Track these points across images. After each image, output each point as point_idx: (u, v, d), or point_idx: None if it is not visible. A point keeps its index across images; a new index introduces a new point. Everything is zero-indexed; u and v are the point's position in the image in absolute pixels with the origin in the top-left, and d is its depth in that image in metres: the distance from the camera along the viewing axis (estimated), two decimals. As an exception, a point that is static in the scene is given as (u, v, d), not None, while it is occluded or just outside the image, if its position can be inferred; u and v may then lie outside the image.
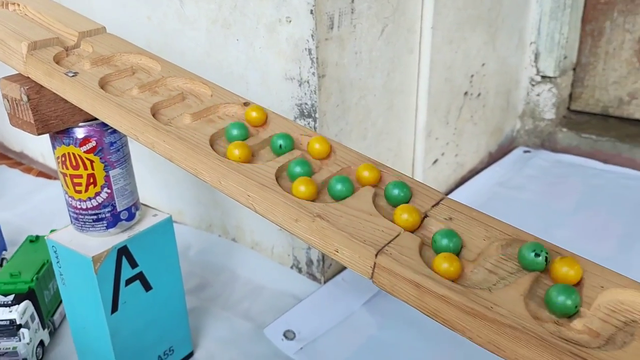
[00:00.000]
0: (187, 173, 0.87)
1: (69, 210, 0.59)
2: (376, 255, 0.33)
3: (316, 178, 0.39)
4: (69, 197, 0.58)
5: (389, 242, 0.34)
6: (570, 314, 0.30)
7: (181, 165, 0.41)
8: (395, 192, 0.37)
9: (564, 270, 0.32)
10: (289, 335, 0.71)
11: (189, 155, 0.40)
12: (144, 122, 0.43)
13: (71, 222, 0.60)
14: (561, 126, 1.18)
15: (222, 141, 0.43)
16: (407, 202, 0.37)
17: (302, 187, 0.37)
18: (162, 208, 0.96)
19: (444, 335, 0.70)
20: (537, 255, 0.32)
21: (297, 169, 0.39)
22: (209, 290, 0.81)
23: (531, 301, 0.31)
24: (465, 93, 0.99)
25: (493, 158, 1.16)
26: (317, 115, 0.69)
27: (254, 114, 0.44)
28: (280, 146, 0.41)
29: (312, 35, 0.65)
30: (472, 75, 0.99)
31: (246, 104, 0.46)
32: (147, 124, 0.42)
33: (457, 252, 0.34)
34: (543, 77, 1.15)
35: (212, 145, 0.41)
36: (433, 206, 0.37)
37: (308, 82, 0.68)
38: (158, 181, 0.95)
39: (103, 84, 0.48)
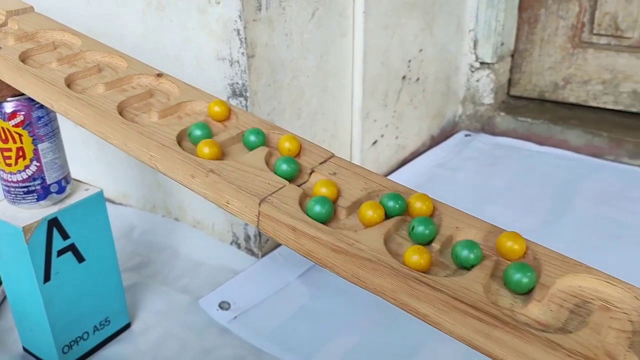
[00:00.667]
0: (132, 157, 0.90)
1: (1, 184, 0.61)
2: (260, 204, 0.36)
3: (216, 140, 0.42)
4: (0, 170, 0.60)
5: (273, 193, 0.37)
6: (426, 243, 0.34)
7: (91, 130, 0.44)
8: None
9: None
10: (224, 306, 0.74)
11: (98, 120, 0.43)
12: (57, 90, 0.45)
13: (4, 195, 0.62)
14: (499, 110, 1.23)
15: (133, 108, 0.46)
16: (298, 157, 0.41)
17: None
18: (109, 191, 0.98)
19: (371, 304, 0.74)
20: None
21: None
22: (150, 267, 0.84)
23: (393, 241, 0.35)
24: (404, 77, 1.03)
25: (435, 141, 1.21)
26: (248, 95, 0.72)
27: (216, 109, 0.45)
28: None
29: (239, 16, 0.68)
30: (409, 60, 1.03)
31: (159, 75, 0.49)
32: (60, 92, 0.45)
33: (335, 200, 0.37)
34: (482, 63, 1.20)
35: (121, 112, 0.44)
36: (320, 163, 0.41)
37: (238, 62, 0.71)
38: (104, 165, 0.97)
39: (24, 58, 0.51)
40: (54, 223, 0.61)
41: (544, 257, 0.34)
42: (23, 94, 0.55)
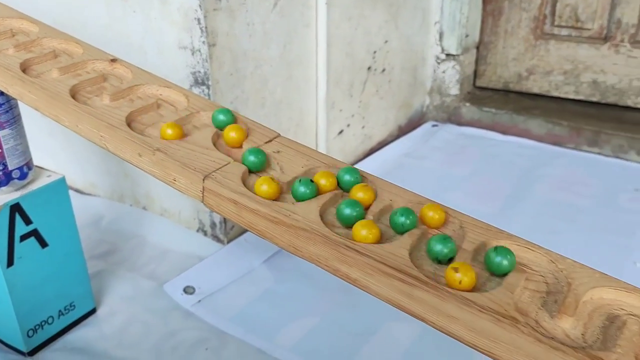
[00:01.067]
0: (99, 147, 0.90)
1: (-37, 170, 0.62)
2: (204, 180, 0.38)
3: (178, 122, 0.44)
4: (-38, 156, 0.61)
5: (217, 170, 0.39)
6: (352, 223, 0.36)
7: (45, 113, 0.45)
8: (232, 134, 0.42)
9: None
10: (188, 290, 0.76)
11: (50, 103, 0.44)
12: (12, 75, 0.46)
13: (-34, 181, 0.63)
14: (465, 101, 1.25)
15: (86, 92, 0.47)
16: (244, 140, 0.43)
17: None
18: (77, 182, 0.99)
19: (334, 287, 0.76)
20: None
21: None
22: (118, 255, 0.85)
23: (328, 214, 0.37)
24: (369, 68, 1.05)
25: (402, 131, 1.23)
26: (210, 83, 0.73)
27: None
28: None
29: (200, 5, 0.69)
30: (374, 52, 1.05)
31: (114, 60, 0.51)
32: (15, 77, 0.46)
33: (278, 177, 0.39)
34: (447, 55, 1.23)
35: (74, 95, 0.46)
36: (266, 142, 0.43)
37: (199, 51, 0.72)
38: (71, 156, 0.97)
39: (-19, 45, 0.52)
40: (16, 208, 0.62)
41: (469, 226, 0.36)
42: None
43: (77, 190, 1.00)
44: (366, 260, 0.33)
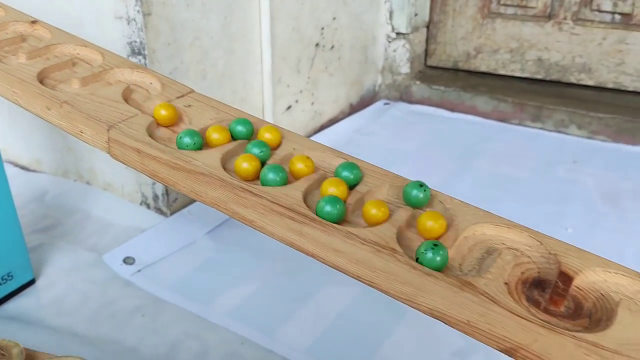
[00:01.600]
0: (44, 123, 0.90)
1: None
2: (108, 130, 0.39)
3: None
4: None
5: (122, 121, 0.39)
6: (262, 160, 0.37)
7: (-43, 70, 0.45)
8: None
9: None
10: (128, 261, 0.76)
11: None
12: None
13: None
14: (416, 80, 1.27)
15: (3, 51, 0.47)
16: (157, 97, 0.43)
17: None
18: (22, 159, 0.98)
19: (275, 256, 0.78)
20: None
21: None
22: (60, 228, 0.85)
23: (231, 159, 0.38)
24: (317, 44, 1.06)
25: (354, 109, 1.25)
26: (146, 53, 0.73)
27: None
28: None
29: (133, -26, 0.69)
30: (322, 28, 1.06)
31: (34, 22, 0.51)
32: None
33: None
34: (397, 34, 1.24)
35: (-13, 53, 0.46)
36: (178, 97, 0.43)
37: (135, 20, 0.72)
38: (16, 133, 0.96)
39: None
40: (-55, 177, 0.61)
41: (367, 172, 0.37)
42: None
43: (22, 167, 0.99)
44: (260, 201, 0.34)
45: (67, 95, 0.41)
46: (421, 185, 0.36)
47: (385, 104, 1.29)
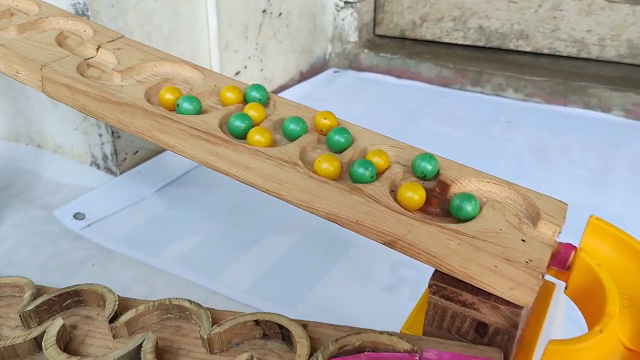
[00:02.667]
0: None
1: None
2: (41, 69, 0.42)
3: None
4: None
5: (55, 61, 0.42)
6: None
7: None
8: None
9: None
10: (78, 216, 0.79)
11: None
12: None
13: None
14: (364, 48, 1.31)
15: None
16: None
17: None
18: (-28, 124, 0.99)
19: (222, 212, 0.82)
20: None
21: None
22: (12, 190, 0.87)
23: (155, 93, 0.42)
24: (264, 11, 1.09)
25: (304, 77, 1.28)
26: (90, 14, 0.76)
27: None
28: None
29: (74, -64, 0.71)
30: (269, -5, 1.09)
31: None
32: None
33: (114, 67, 0.43)
34: (345, 2, 1.28)
35: None
36: (108, 42, 0.46)
37: (78, -18, 0.74)
38: (-36, 97, 0.97)
39: None
40: None
41: (278, 102, 0.41)
42: None
43: (-28, 134, 1.00)
44: (180, 126, 0.38)
45: (3, 40, 0.44)
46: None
47: (335, 72, 1.33)
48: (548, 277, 0.35)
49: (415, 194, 0.34)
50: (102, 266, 0.71)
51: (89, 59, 0.45)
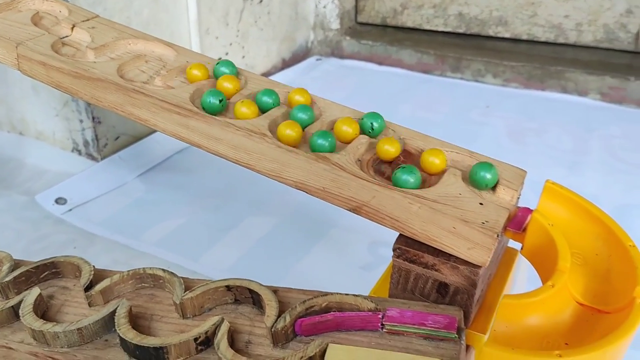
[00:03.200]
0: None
1: None
2: (17, 47, 0.42)
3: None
4: None
5: (30, 39, 0.43)
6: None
7: None
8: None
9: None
10: (60, 201, 0.80)
11: None
12: None
13: None
14: (346, 35, 1.32)
15: None
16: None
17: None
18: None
19: (204, 196, 0.83)
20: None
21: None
22: (-6, 176, 0.87)
23: (130, 72, 0.42)
24: (245, -2, 1.10)
25: (287, 65, 1.29)
26: (69, 0, 0.76)
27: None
28: None
29: None
30: (250, -18, 1.10)
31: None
32: None
33: (88, 45, 0.44)
34: (327, -10, 1.29)
35: None
36: (83, 21, 0.47)
37: (55, -33, 0.74)
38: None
39: None
40: None
41: (250, 78, 0.42)
42: None
43: (-47, 122, 1.00)
44: (151, 100, 0.39)
45: (-24, 17, 0.45)
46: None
47: (318, 59, 1.34)
48: (511, 244, 0.37)
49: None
50: (83, 249, 0.72)
51: (63, 37, 0.46)
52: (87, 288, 0.37)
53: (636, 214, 0.78)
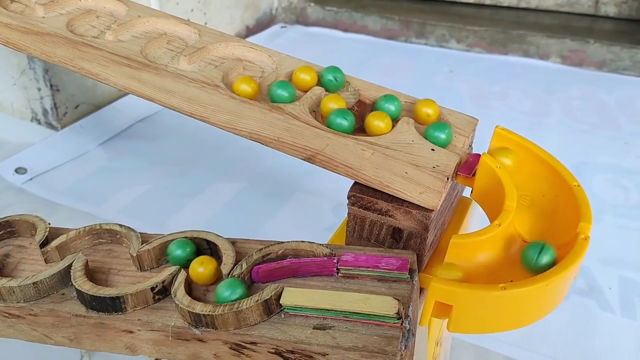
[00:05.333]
0: None
1: None
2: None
3: None
4: None
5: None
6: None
7: None
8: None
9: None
10: (20, 171, 0.78)
11: None
12: None
13: None
14: (310, 2, 1.31)
15: None
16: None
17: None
18: None
19: (168, 162, 0.82)
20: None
21: None
22: (-50, 148, 0.85)
23: (81, 27, 0.41)
24: (206, -37, 1.08)
25: (251, 32, 1.27)
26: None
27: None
28: None
29: None
30: (210, -53, 1.07)
31: None
32: None
33: (36, 1, 0.43)
34: (290, -45, 1.27)
35: None
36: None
37: None
38: None
39: None
40: None
41: (204, 33, 0.42)
42: None
43: None
44: (101, 53, 0.38)
45: None
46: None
47: (282, 27, 1.33)
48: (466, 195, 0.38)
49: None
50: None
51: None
52: (43, 244, 0.36)
53: (593, 171, 0.81)
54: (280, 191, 0.77)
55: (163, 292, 0.33)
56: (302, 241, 0.34)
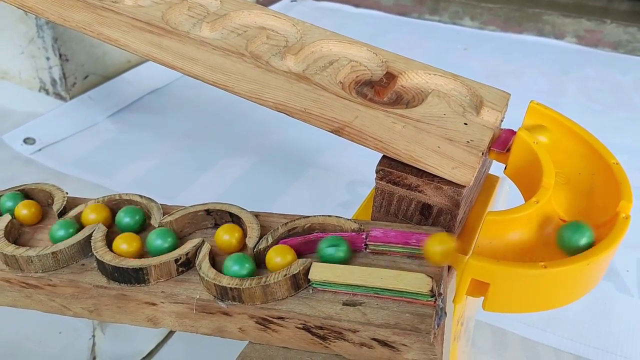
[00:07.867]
0: None
1: None
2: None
3: None
4: None
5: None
6: None
7: None
8: None
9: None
10: (28, 141, 0.77)
11: None
12: None
13: None
14: (322, -25, 1.28)
15: None
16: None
17: None
18: None
19: (178, 135, 0.81)
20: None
21: None
22: (-44, 118, 0.83)
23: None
24: None
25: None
26: None
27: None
28: None
29: None
30: None
31: None
32: None
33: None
34: None
35: None
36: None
37: None
38: None
39: None
40: None
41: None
42: None
43: None
44: (122, 18, 0.37)
45: None
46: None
47: (292, 1, 1.30)
48: (493, 173, 0.37)
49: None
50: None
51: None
52: (61, 214, 0.36)
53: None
54: (292, 167, 0.76)
55: (187, 264, 0.32)
56: (329, 215, 0.34)
